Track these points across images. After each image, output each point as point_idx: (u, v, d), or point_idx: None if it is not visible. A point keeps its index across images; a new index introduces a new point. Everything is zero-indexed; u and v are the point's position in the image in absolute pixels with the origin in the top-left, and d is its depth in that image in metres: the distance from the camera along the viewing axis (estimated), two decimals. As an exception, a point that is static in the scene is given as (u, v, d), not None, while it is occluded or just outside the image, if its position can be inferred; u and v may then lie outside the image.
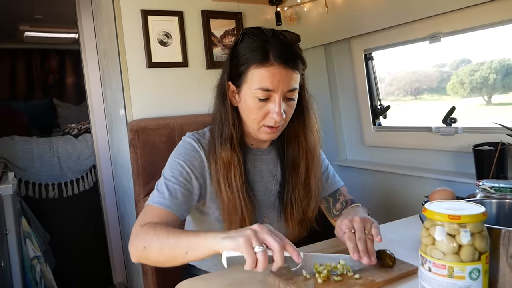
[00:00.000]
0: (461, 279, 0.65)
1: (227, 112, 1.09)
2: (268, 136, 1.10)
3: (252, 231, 0.82)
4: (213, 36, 1.89)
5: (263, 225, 0.84)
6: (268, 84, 1.01)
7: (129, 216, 2.00)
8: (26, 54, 4.52)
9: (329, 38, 1.95)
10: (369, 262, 0.87)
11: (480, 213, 0.66)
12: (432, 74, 1.87)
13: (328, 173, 1.28)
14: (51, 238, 2.60)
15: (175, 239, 0.89)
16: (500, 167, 1.33)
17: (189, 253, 0.87)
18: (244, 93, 1.06)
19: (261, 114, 1.05)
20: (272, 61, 1.01)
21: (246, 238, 0.79)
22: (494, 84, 1.60)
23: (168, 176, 1.06)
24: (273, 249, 0.79)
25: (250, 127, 1.10)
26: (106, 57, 2.07)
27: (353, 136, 2.10)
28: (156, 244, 0.91)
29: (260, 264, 0.78)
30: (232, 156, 1.08)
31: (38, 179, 2.73)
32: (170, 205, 1.01)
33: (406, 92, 1.99)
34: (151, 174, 1.55)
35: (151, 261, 0.95)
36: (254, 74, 1.03)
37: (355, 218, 0.97)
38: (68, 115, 4.22)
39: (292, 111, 1.10)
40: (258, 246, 0.79)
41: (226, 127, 1.09)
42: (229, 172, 1.08)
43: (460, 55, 1.70)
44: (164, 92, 1.78)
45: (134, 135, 1.57)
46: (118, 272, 2.82)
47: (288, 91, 1.04)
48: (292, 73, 1.03)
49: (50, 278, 2.01)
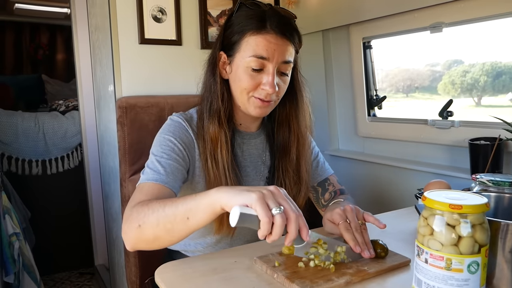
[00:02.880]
0: (459, 272, 0.62)
1: (216, 84, 1.05)
2: (258, 111, 1.04)
3: (268, 190, 0.72)
4: (209, 15, 1.83)
5: (279, 188, 0.75)
6: (263, 51, 0.98)
7: (113, 196, 1.95)
8: (16, 27, 4.41)
9: (327, 24, 1.90)
10: (370, 256, 0.84)
11: (482, 204, 0.62)
12: (424, 72, 1.87)
13: (318, 160, 1.25)
14: (33, 215, 2.54)
15: (172, 207, 0.79)
16: (495, 163, 1.31)
17: (191, 218, 0.77)
18: (237, 63, 1.02)
19: (252, 84, 1.01)
20: (268, 29, 0.98)
21: (261, 195, 0.70)
22: (484, 86, 1.61)
23: (158, 153, 1.00)
24: (290, 217, 0.70)
25: (240, 99, 1.05)
26: (97, 32, 2.00)
27: (346, 126, 2.07)
28: (151, 218, 0.81)
29: (277, 228, 0.68)
30: (220, 131, 1.04)
31: (21, 155, 2.66)
32: (166, 180, 0.94)
33: (397, 90, 1.99)
34: (138, 153, 1.50)
35: (148, 240, 0.84)
36: (249, 42, 0.99)
37: (347, 208, 0.95)
38: (57, 92, 4.14)
39: (285, 87, 1.06)
40: (276, 208, 0.69)
41: (215, 100, 1.05)
42: (216, 148, 1.03)
43: (453, 56, 1.71)
44: (155, 70, 1.73)
45: (122, 112, 1.52)
46: (99, 253, 2.80)
47: (282, 62, 1.00)
48: (288, 44, 1.00)
49: (29, 256, 1.95)
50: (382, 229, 0.93)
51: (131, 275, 1.48)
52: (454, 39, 1.58)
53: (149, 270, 1.41)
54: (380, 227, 0.91)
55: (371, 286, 0.77)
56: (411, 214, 1.19)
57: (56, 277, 2.78)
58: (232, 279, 0.81)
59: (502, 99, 1.57)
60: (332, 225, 0.96)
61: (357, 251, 0.84)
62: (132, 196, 0.94)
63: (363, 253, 0.84)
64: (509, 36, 1.44)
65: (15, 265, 1.81)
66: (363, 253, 0.84)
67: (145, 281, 1.45)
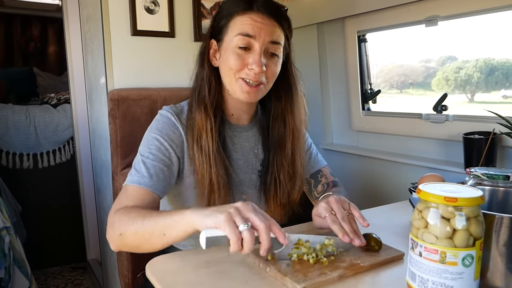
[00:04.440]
0: (453, 265, 0.61)
1: (204, 71, 1.06)
2: (245, 96, 1.03)
3: (235, 208, 0.74)
4: (202, 7, 1.81)
5: (246, 203, 0.77)
6: (249, 29, 0.98)
7: (105, 190, 1.93)
8: (7, 19, 4.33)
9: (322, 17, 1.88)
10: (360, 244, 0.84)
11: (478, 197, 0.62)
12: (418, 69, 1.87)
13: (311, 152, 1.25)
14: (24, 210, 2.51)
15: (151, 221, 0.82)
16: (489, 156, 1.31)
17: (167, 234, 0.80)
18: (225, 46, 1.02)
19: (239, 64, 1.00)
20: (254, 9, 0.99)
21: (227, 215, 0.72)
22: (477, 83, 1.62)
23: (145, 153, 1.00)
24: (259, 229, 0.72)
25: (228, 81, 1.04)
26: (89, 23, 1.97)
27: (340, 120, 2.06)
28: (131, 229, 0.84)
29: (247, 243, 0.70)
30: (206, 119, 1.03)
31: (12, 148, 2.62)
32: (150, 184, 0.95)
33: (392, 85, 2.00)
34: (130, 146, 1.48)
35: (130, 247, 0.89)
36: (236, 22, 1.00)
37: (331, 200, 0.93)
38: (48, 85, 4.09)
39: (275, 70, 1.04)
40: (243, 225, 0.71)
41: (203, 88, 1.05)
42: (201, 135, 1.03)
43: (447, 52, 1.71)
44: (148, 62, 1.71)
45: (114, 105, 1.50)
46: (92, 247, 2.77)
47: (270, 42, 1.00)
48: (275, 25, 1.01)
49: (20, 250, 1.93)
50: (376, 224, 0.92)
51: (123, 269, 1.47)
52: (448, 35, 1.58)
53: (142, 264, 1.39)
54: (363, 225, 0.89)
55: (364, 280, 0.77)
56: (405, 208, 1.18)
57: (48, 272, 2.76)
58: (224, 273, 0.80)
59: (495, 96, 1.58)
60: (319, 220, 0.95)
61: (346, 241, 0.84)
62: (118, 196, 0.96)
63: (353, 242, 0.84)
64: (502, 33, 1.45)
65: (6, 260, 1.79)
66: (353, 241, 0.84)
67: (137, 275, 1.44)
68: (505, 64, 1.54)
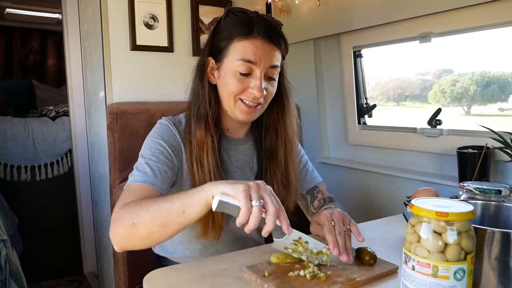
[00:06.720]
0: (445, 279, 0.63)
1: (204, 89, 1.07)
2: (244, 116, 1.06)
3: (254, 184, 0.78)
4: (201, 23, 1.84)
5: (265, 184, 0.80)
6: (251, 56, 1.00)
7: (103, 203, 1.94)
8: (7, 32, 4.37)
9: (319, 33, 1.92)
10: (347, 261, 0.85)
11: (468, 212, 0.63)
12: (415, 81, 1.89)
13: (307, 168, 1.26)
14: (21, 222, 2.50)
15: (168, 202, 0.82)
16: (483, 171, 1.32)
17: (186, 211, 0.80)
18: (225, 68, 1.04)
19: (240, 88, 1.02)
20: (255, 34, 1.01)
21: (246, 187, 0.76)
22: (474, 95, 1.63)
23: (147, 156, 1.01)
24: (269, 210, 0.75)
25: (227, 103, 1.06)
26: (89, 38, 2.00)
27: (337, 134, 2.08)
28: (146, 215, 0.82)
29: (253, 218, 0.74)
30: (206, 136, 1.04)
31: (10, 161, 2.63)
32: (154, 182, 0.96)
33: (388, 98, 2.02)
34: (128, 159, 1.49)
35: (141, 237, 0.85)
36: (237, 47, 1.02)
37: (335, 211, 0.96)
38: (47, 98, 4.10)
39: (273, 91, 1.07)
40: (256, 200, 0.75)
41: (202, 105, 1.07)
42: (202, 152, 1.04)
43: (443, 65, 1.73)
44: (146, 77, 1.73)
45: (113, 119, 1.51)
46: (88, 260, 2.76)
47: (270, 66, 1.02)
48: (275, 49, 1.03)
49: (16, 263, 1.92)
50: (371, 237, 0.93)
51: (120, 283, 1.47)
52: (443, 49, 1.61)
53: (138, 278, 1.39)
54: (358, 240, 0.91)
55: (359, 294, 0.77)
56: (400, 221, 1.19)
57: (44, 285, 2.74)
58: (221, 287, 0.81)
59: (491, 108, 1.59)
60: (317, 226, 0.97)
61: (335, 254, 0.85)
62: (120, 198, 0.94)
63: (341, 257, 0.85)
64: (497, 47, 1.47)
65: (2, 273, 1.78)
66: (341, 256, 0.85)
67: (134, 288, 1.44)
68: (501, 77, 1.56)
